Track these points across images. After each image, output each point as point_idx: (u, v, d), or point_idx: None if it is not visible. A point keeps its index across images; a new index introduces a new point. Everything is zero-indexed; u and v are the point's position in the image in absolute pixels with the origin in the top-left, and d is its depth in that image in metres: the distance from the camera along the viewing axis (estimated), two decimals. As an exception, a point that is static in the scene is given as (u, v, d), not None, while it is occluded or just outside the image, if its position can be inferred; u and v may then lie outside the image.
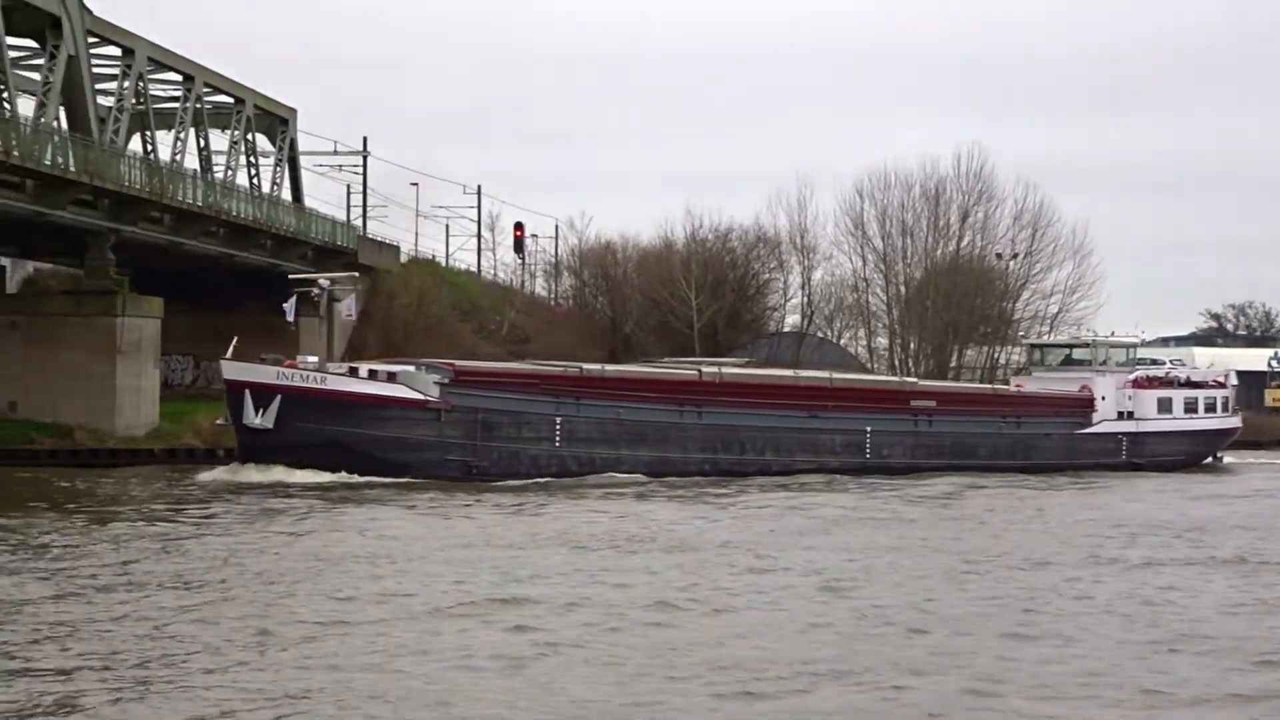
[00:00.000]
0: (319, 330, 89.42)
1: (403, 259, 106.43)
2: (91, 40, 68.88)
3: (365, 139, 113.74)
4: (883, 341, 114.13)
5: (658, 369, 72.69)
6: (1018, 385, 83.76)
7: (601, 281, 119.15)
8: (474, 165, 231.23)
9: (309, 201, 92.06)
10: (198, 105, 79.29)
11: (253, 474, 56.58)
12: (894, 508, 52.70)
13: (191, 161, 78.96)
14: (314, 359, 60.54)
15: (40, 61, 67.28)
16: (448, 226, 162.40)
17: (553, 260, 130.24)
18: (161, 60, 76.11)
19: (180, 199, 73.23)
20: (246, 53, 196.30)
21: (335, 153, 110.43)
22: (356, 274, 64.31)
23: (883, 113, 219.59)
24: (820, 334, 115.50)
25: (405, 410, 59.64)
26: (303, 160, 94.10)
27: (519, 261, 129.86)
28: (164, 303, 71.59)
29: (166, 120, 78.56)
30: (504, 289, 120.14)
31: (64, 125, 67.37)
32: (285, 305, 61.72)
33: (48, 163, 62.70)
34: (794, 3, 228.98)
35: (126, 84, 72.58)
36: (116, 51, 72.82)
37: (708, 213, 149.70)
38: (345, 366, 61.14)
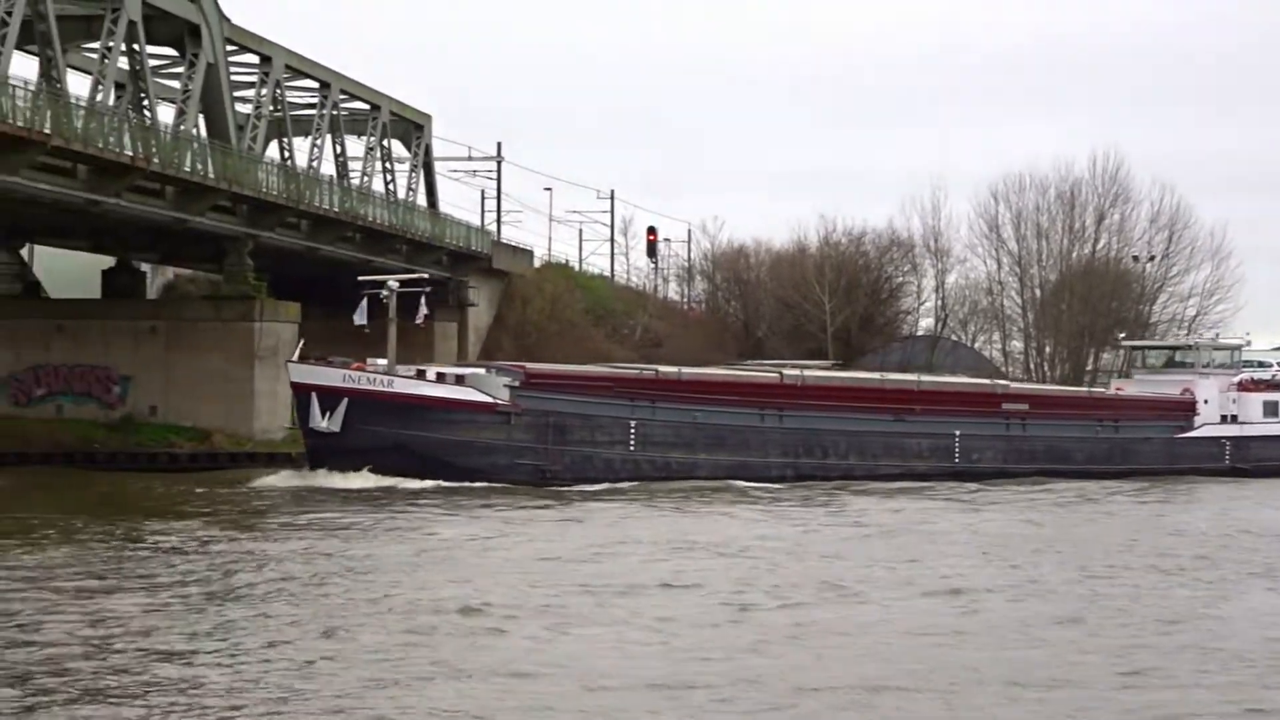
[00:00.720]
0: (452, 334, 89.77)
1: (536, 263, 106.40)
2: (230, 48, 69.14)
3: (499, 144, 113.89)
4: (1018, 345, 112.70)
5: (738, 372, 71.21)
6: (1117, 388, 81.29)
7: (734, 285, 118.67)
8: (607, 169, 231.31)
9: (443, 207, 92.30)
10: (334, 112, 79.45)
11: (318, 479, 55.60)
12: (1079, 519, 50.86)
13: (328, 168, 79.38)
14: (383, 362, 59.15)
15: (180, 69, 67.65)
16: (581, 231, 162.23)
17: (685, 264, 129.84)
18: (298, 68, 76.34)
19: (316, 205, 73.35)
20: (382, 59, 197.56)
21: (469, 158, 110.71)
22: (427, 274, 63.14)
23: (1013, 114, 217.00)
24: (954, 337, 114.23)
25: (473, 413, 58.56)
26: (437, 166, 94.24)
27: (652, 265, 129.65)
28: (300, 307, 71.70)
29: (303, 127, 78.77)
30: (637, 293, 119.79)
31: (203, 132, 67.63)
32: (358, 308, 60.55)
33: (187, 170, 63.00)
34: (926, 6, 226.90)
35: (264, 91, 72.79)
36: (254, 59, 73.06)
37: (841, 216, 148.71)
38: (414, 369, 59.95)
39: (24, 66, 59.33)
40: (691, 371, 68.20)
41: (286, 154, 75.05)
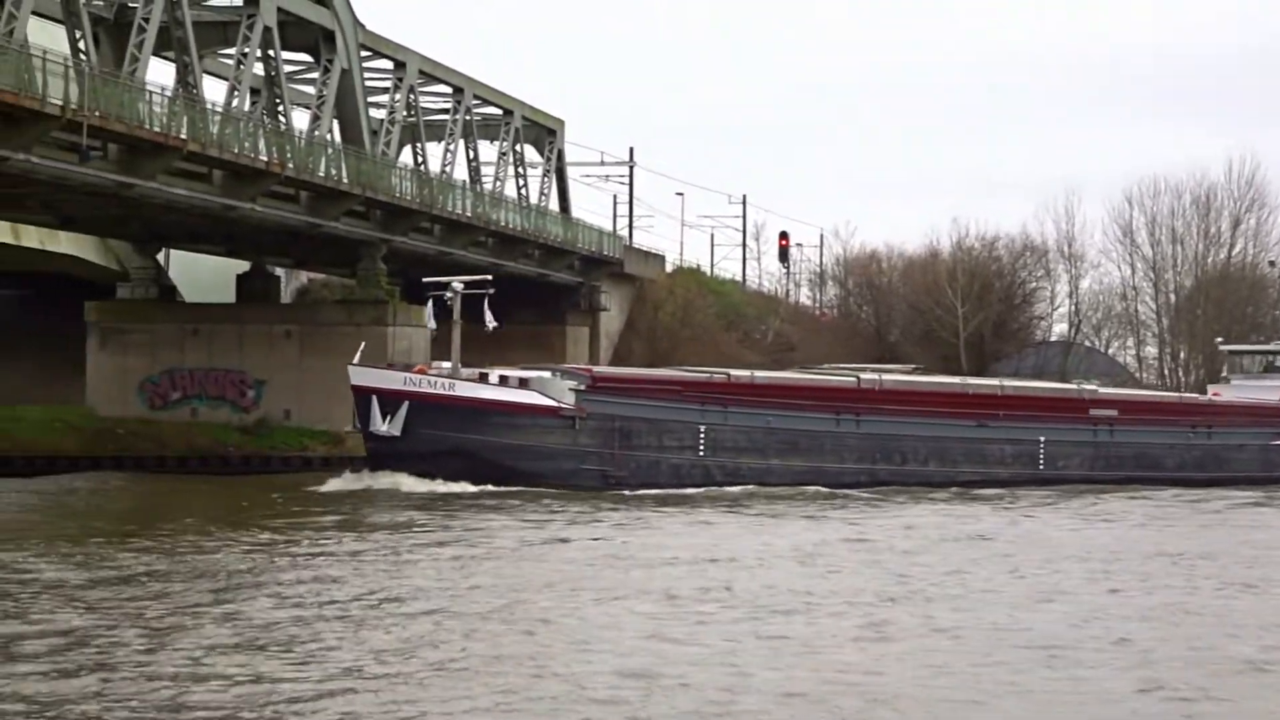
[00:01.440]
0: (583, 339, 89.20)
1: (668, 268, 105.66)
2: (364, 54, 68.90)
3: (631, 149, 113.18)
4: (1152, 350, 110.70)
5: (813, 375, 69.25)
6: (1214, 393, 78.18)
7: (866, 290, 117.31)
8: (740, 174, 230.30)
9: (576, 212, 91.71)
10: (467, 117, 79.12)
11: (379, 482, 54.38)
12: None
13: (461, 172, 79.00)
14: (447, 365, 57.74)
15: (314, 75, 67.56)
16: (713, 235, 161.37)
17: (817, 269, 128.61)
18: (432, 73, 76.03)
19: (449, 210, 73.00)
20: (515, 64, 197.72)
21: (602, 163, 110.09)
22: (490, 277, 62.12)
23: (1147, 118, 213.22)
24: (1088, 343, 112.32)
25: (536, 417, 57.01)
26: (570, 170, 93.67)
27: (784, 270, 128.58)
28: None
29: (436, 132, 78.51)
30: (768, 298, 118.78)
31: (337, 138, 67.44)
32: (427, 311, 59.54)
33: (321, 175, 62.83)
34: (1053, 10, 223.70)
35: (398, 97, 72.54)
36: (388, 65, 72.84)
37: (974, 221, 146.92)
38: (476, 372, 58.22)
39: (161, 73, 59.51)
40: (765, 375, 66.38)
41: (420, 159, 74.82)
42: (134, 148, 52.58)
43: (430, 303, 59.41)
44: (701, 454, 60.12)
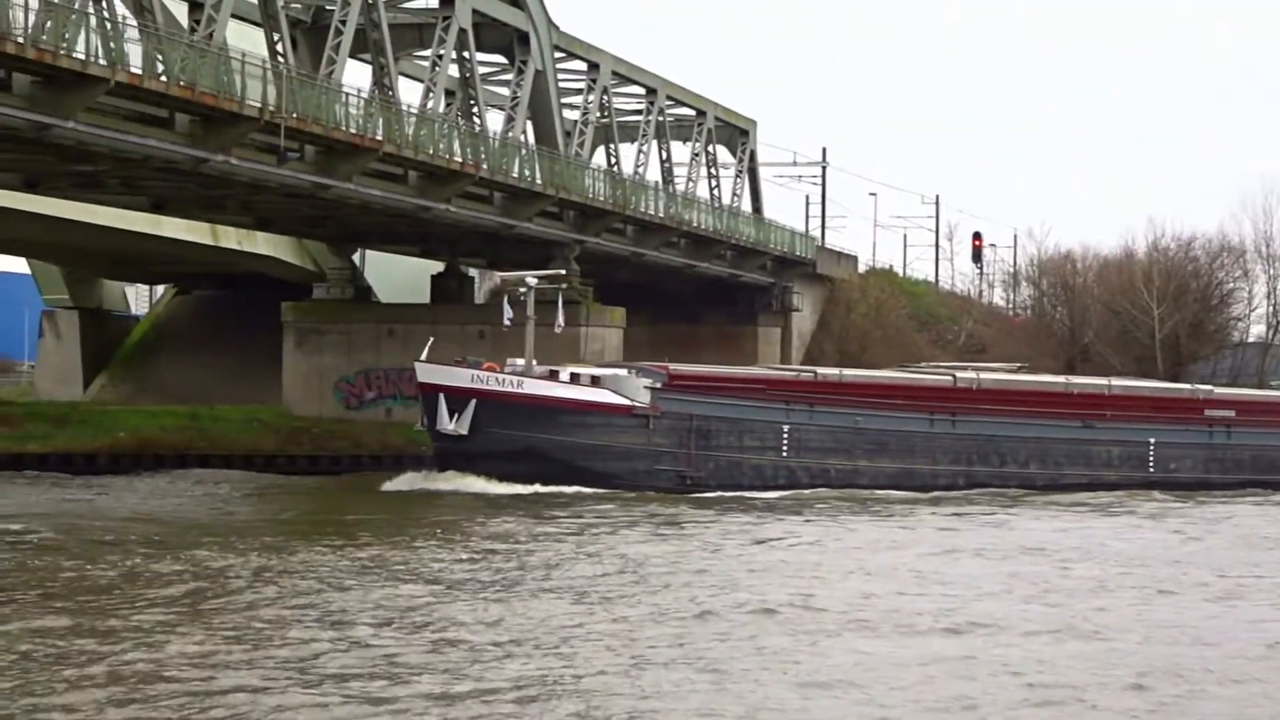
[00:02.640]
0: (775, 339, 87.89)
1: (860, 269, 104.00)
2: (558, 55, 68.14)
3: (824, 150, 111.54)
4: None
5: (907, 374, 66.36)
6: None
7: (1060, 291, 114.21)
8: (932, 174, 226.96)
9: (768, 212, 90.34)
10: (660, 118, 78.11)
11: (446, 482, 52.76)
12: None
13: (653, 173, 78.00)
14: (520, 362, 55.88)
15: (509, 77, 66.92)
16: (905, 236, 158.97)
17: (1010, 270, 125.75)
18: (625, 74, 75.12)
19: (642, 210, 72.14)
20: (708, 65, 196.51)
21: (794, 163, 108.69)
22: (563, 272, 60.31)
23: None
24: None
25: (608, 416, 54.96)
26: (762, 171, 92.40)
27: (976, 271, 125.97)
28: (625, 312, 70.59)
29: (629, 133, 77.64)
30: (961, 298, 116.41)
31: (531, 139, 66.75)
32: (504, 308, 57.50)
33: (515, 176, 62.18)
34: (1251, 6, 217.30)
35: (591, 98, 71.68)
36: (582, 66, 72.00)
37: (1170, 221, 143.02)
38: (545, 370, 56.22)
39: (358, 75, 59.26)
40: (854, 373, 64.04)
41: (613, 160, 73.92)
42: (331, 149, 52.36)
43: (505, 298, 57.64)
44: (785, 455, 57.97)
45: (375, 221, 62.14)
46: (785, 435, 57.92)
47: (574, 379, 55.74)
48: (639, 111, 78.39)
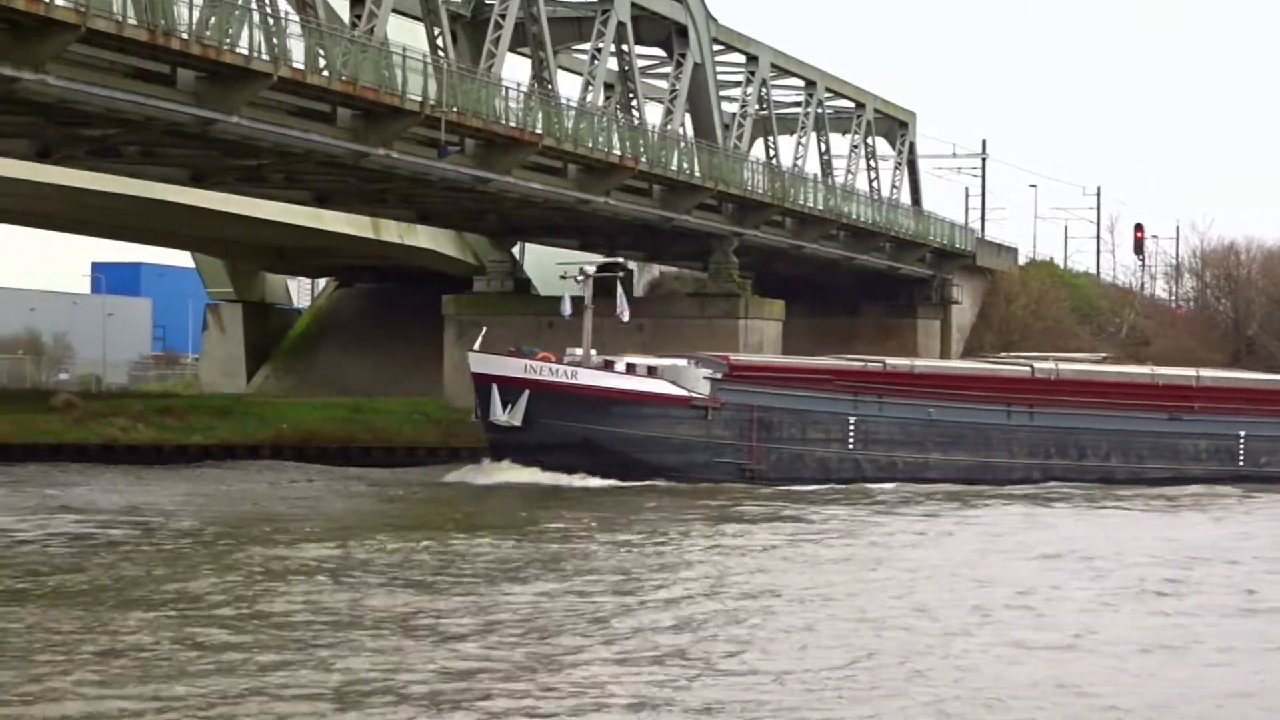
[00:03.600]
0: (935, 332, 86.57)
1: (1020, 261, 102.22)
2: (716, 48, 67.36)
3: (984, 141, 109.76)
4: None
5: (982, 365, 64.19)
6: None
7: (1223, 283, 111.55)
8: (1093, 166, 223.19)
9: (927, 204, 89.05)
10: (819, 110, 77.04)
11: (503, 474, 51.66)
12: None
13: (812, 166, 76.95)
14: (579, 351, 54.40)
15: (667, 70, 66.23)
16: (1066, 228, 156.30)
17: (1173, 262, 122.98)
18: (784, 66, 74.19)
19: (801, 203, 71.24)
20: (866, 57, 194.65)
21: (954, 155, 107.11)
22: (621, 260, 59.01)
23: None
24: None
25: (665, 408, 53.58)
26: (921, 163, 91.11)
27: (1138, 263, 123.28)
28: (784, 305, 69.96)
29: (788, 125, 76.62)
30: (1122, 291, 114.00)
31: (689, 132, 66.08)
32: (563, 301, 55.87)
33: (674, 169, 61.65)
34: None
35: (750, 90, 70.90)
36: (740, 59, 71.26)
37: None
38: (601, 360, 54.73)
39: (517, 69, 58.92)
40: (926, 364, 62.12)
41: (771, 152, 73.02)
42: (491, 143, 52.12)
43: (566, 296, 55.94)
44: (851, 447, 56.30)
45: (535, 215, 61.99)
46: (852, 427, 56.48)
47: (630, 370, 54.56)
48: (798, 104, 77.31)
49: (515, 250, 73.76)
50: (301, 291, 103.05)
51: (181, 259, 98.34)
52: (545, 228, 67.05)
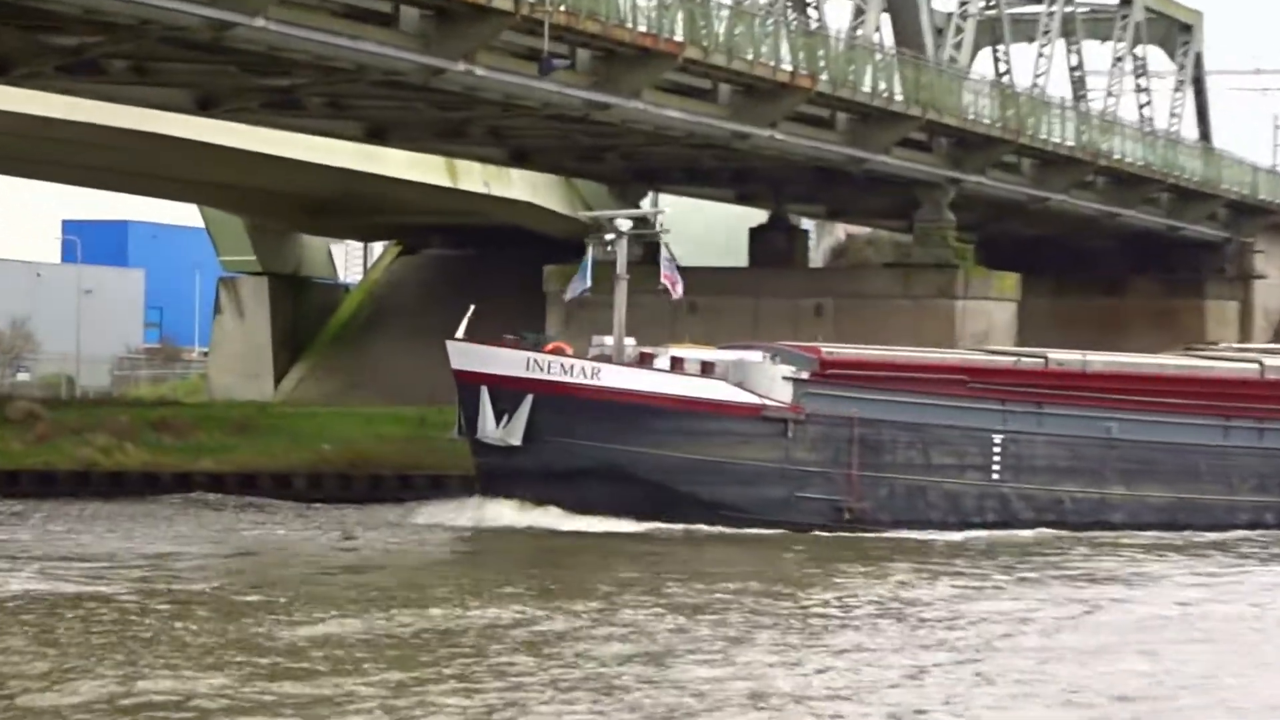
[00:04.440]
0: (1231, 317, 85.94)
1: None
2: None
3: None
4: None
5: (1189, 360, 62.52)
6: None
7: None
8: None
9: (1219, 140, 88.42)
10: (1067, 9, 76.74)
11: (495, 514, 50.89)
12: None
13: (1059, 86, 76.84)
14: (609, 340, 53.20)
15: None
16: None
17: None
18: (1025, -53, 74.28)
19: (1044, 137, 71.01)
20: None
21: (1257, 72, 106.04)
22: (663, 210, 58.38)
23: None
24: None
25: (725, 420, 52.22)
26: (1211, 82, 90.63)
27: None
28: (1020, 279, 69.81)
29: (1025, 30, 76.55)
30: None
31: (887, 40, 66.01)
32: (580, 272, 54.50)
33: (866, 90, 61.41)
34: None
35: (973, -18, 70.82)
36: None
37: None
38: (638, 352, 53.74)
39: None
40: (1105, 360, 59.74)
41: (1002, 67, 72.62)
42: (611, 54, 52.20)
43: (589, 251, 54.80)
44: (996, 477, 55.08)
45: (672, 154, 62.65)
46: (998, 449, 55.23)
47: (677, 366, 53.12)
48: (1038, 1, 77.45)
49: (644, 203, 73.82)
50: (350, 261, 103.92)
51: (185, 215, 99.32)
52: (687, 172, 67.47)
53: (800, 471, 52.94)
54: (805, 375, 53.43)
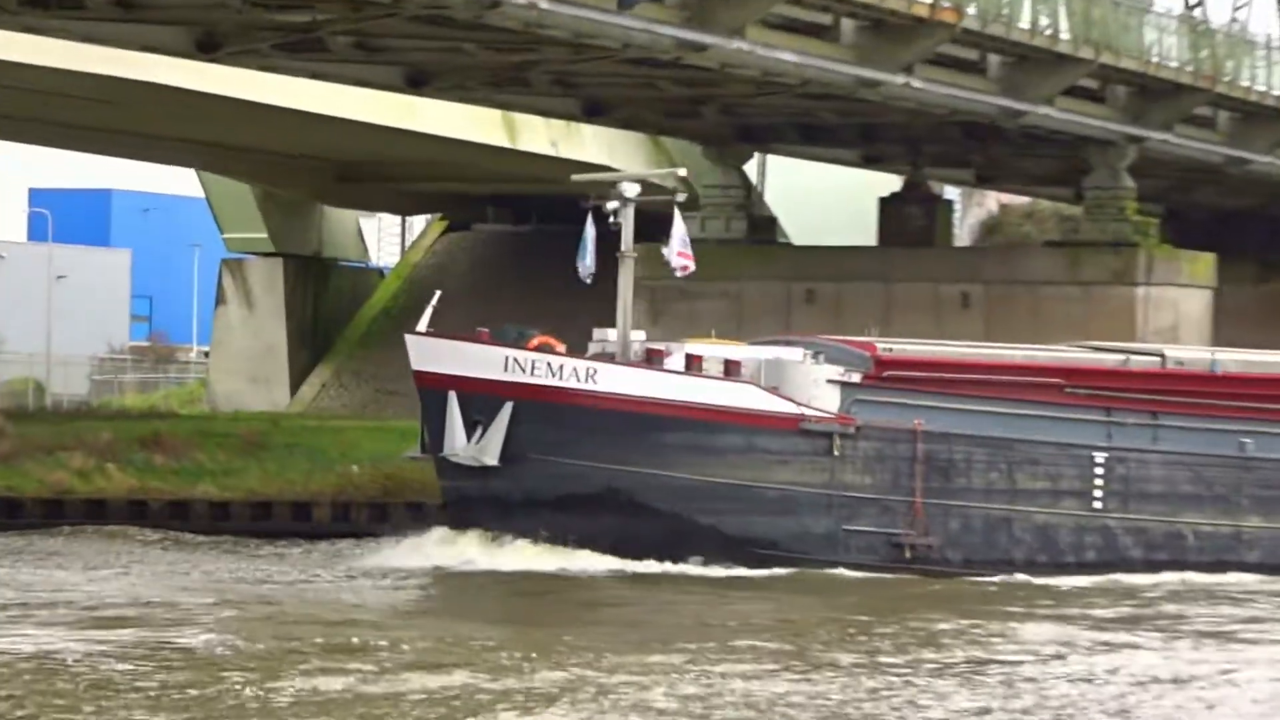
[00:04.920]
0: None
1: None
2: None
3: None
4: None
5: None
6: None
7: None
8: None
9: None
10: (1276, -78, 76.40)
11: (461, 552, 50.30)
12: None
13: (1264, 23, 76.56)
14: (613, 334, 52.63)
15: None
16: None
17: None
18: None
19: (1246, 85, 70.55)
20: None
21: None
22: (681, 172, 57.32)
23: None
24: None
25: (755, 434, 51.56)
26: None
27: None
28: (1216, 261, 69.41)
29: (1222, -50, 76.18)
30: None
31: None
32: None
33: (1024, 26, 61.31)
34: None
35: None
36: None
37: None
38: (645, 348, 52.85)
39: None
40: (1239, 359, 58.66)
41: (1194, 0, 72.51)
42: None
43: (589, 229, 53.85)
44: (1099, 506, 54.30)
45: (783, 106, 62.99)
46: (1100, 470, 54.55)
47: (693, 365, 52.33)
48: (1240, -89, 77.09)
49: (750, 168, 73.68)
50: (386, 239, 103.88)
51: (181, 183, 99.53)
52: (801, 129, 67.67)
53: (850, 498, 52.49)
54: (857, 377, 52.90)
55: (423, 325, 51.60)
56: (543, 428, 50.49)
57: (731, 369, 51.85)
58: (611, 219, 53.13)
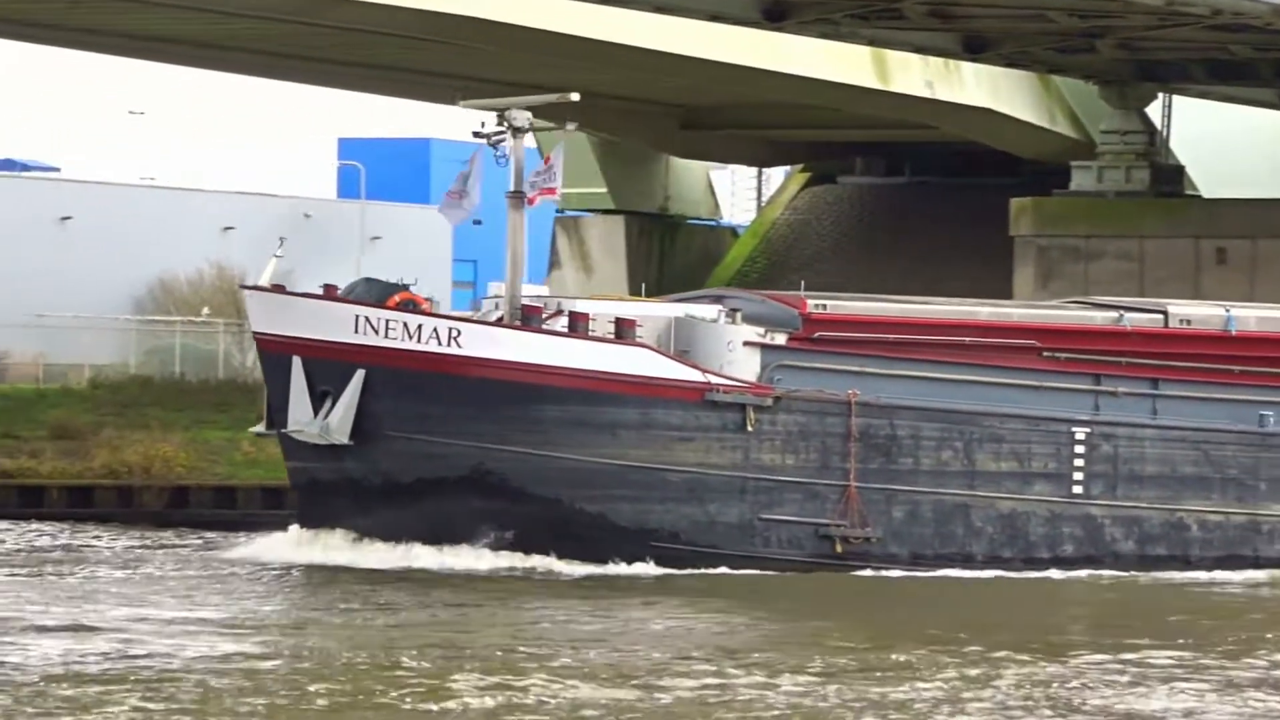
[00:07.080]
0: None
1: None
2: None
3: None
4: None
5: None
6: None
7: None
8: None
9: None
10: None
11: (312, 549, 49.88)
12: None
13: None
14: (497, 286, 51.61)
15: None
16: None
17: None
18: None
19: None
20: None
21: None
22: (574, 96, 54.88)
23: None
24: None
25: (651, 406, 50.01)
26: None
27: None
28: None
29: None
30: None
31: None
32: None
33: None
34: None
35: None
36: None
37: None
38: (528, 304, 50.84)
39: None
40: (1260, 314, 56.45)
41: None
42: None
43: (473, 160, 52.49)
44: (1078, 490, 52.91)
45: (1190, 40, 63.30)
46: (1081, 448, 53.20)
47: (577, 324, 50.87)
48: None
49: (1154, 112, 73.74)
50: (739, 195, 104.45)
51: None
52: (1210, 66, 68.06)
53: (768, 482, 51.24)
54: (781, 339, 51.65)
55: (264, 279, 51.04)
56: (399, 399, 49.81)
57: (624, 329, 50.40)
58: (497, 153, 51.76)
